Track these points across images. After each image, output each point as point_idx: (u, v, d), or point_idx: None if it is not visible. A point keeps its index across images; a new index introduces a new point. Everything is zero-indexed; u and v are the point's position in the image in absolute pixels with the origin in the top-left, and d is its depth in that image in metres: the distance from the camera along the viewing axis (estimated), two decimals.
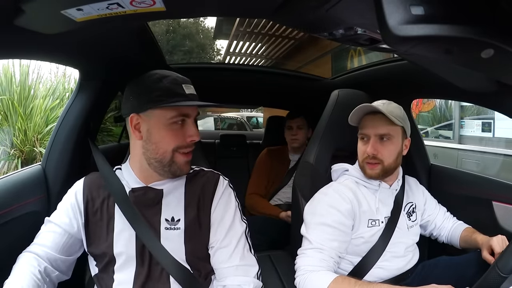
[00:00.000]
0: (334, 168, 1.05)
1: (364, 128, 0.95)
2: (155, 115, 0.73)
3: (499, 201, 1.07)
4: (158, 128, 0.73)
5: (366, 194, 0.97)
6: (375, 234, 0.94)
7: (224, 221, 0.79)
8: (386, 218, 0.97)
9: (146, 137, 0.74)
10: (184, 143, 0.75)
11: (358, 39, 0.65)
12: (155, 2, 0.55)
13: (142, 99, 0.73)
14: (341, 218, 0.90)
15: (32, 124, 3.12)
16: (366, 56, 4.14)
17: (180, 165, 0.75)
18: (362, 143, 0.96)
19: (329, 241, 0.87)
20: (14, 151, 3.03)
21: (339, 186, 0.96)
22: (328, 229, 0.89)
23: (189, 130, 0.75)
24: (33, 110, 3.20)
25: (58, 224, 0.76)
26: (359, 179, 0.98)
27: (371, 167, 0.94)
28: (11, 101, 3.05)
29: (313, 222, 0.91)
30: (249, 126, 7.49)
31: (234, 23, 5.48)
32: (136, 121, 0.75)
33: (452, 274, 0.92)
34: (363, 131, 0.96)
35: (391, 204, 0.99)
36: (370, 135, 0.94)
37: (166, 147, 0.74)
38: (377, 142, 0.93)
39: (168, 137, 0.74)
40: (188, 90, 0.75)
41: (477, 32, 0.41)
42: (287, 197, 1.67)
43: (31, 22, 0.59)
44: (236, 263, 0.76)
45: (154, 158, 0.75)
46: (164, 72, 0.76)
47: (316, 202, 0.95)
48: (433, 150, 3.93)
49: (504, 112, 0.98)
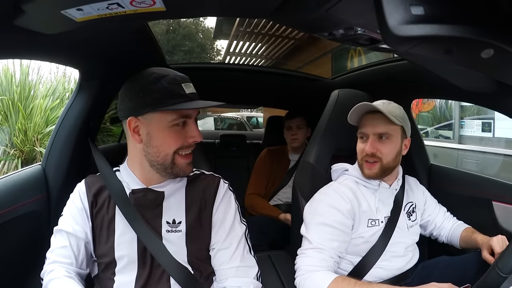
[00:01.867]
0: (334, 168, 1.05)
1: (363, 127, 0.95)
2: (155, 118, 0.70)
3: (499, 201, 1.07)
4: (159, 132, 0.71)
5: (366, 193, 0.97)
6: (375, 234, 0.94)
7: (225, 223, 0.79)
8: (386, 218, 0.97)
9: (146, 140, 0.72)
10: (185, 144, 0.73)
11: (358, 39, 0.65)
12: (155, 2, 0.55)
13: (140, 101, 0.70)
14: (341, 218, 0.90)
15: (32, 124, 3.12)
16: (366, 56, 4.15)
17: (182, 167, 0.74)
18: (361, 142, 0.97)
19: (329, 241, 0.87)
20: (14, 151, 3.03)
21: (339, 186, 0.96)
22: (328, 229, 0.89)
23: (190, 131, 0.73)
24: (33, 110, 3.20)
25: (72, 233, 0.74)
26: (359, 179, 0.98)
27: (369, 166, 0.94)
28: (11, 100, 3.05)
29: (313, 222, 0.91)
30: (249, 126, 7.49)
31: (234, 23, 5.48)
32: (135, 124, 0.72)
33: (452, 274, 0.92)
34: (362, 130, 0.96)
35: (391, 203, 0.99)
36: (369, 134, 0.94)
37: (167, 150, 0.72)
38: (375, 140, 0.93)
39: (169, 140, 0.72)
40: (188, 90, 0.72)
41: (477, 32, 0.41)
42: (287, 197, 1.67)
43: (31, 22, 0.59)
44: (236, 264, 0.76)
45: (156, 161, 0.73)
46: (161, 70, 0.73)
47: (316, 202, 0.95)
48: (433, 150, 3.93)
49: (504, 112, 0.98)
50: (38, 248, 0.98)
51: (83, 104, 1.07)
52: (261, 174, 1.77)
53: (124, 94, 0.73)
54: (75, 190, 0.79)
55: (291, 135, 1.74)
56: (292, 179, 1.45)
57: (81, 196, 0.77)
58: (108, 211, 0.76)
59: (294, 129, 1.73)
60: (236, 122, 7.30)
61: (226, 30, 6.71)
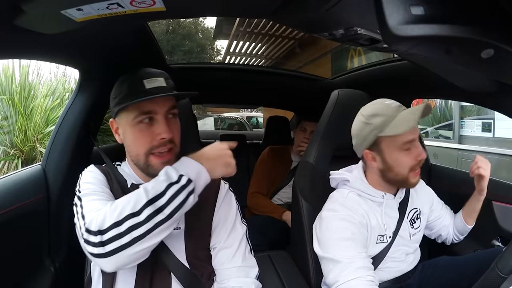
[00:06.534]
0: (333, 176, 0.99)
1: (410, 133, 0.84)
2: (123, 118, 0.73)
3: (499, 201, 1.07)
4: (128, 131, 0.73)
5: (372, 207, 0.92)
6: (382, 250, 0.91)
7: (227, 223, 0.79)
8: (393, 232, 0.93)
9: (123, 140, 0.75)
10: (155, 143, 0.70)
11: (358, 39, 0.65)
12: (155, 2, 0.56)
13: (113, 103, 0.74)
14: (358, 229, 0.86)
15: (32, 124, 3.12)
16: (366, 56, 4.15)
17: (156, 168, 0.70)
18: (406, 154, 0.85)
19: (355, 253, 0.82)
20: (14, 151, 3.03)
21: (346, 200, 0.91)
22: (349, 243, 0.83)
23: (157, 128, 0.70)
24: (33, 110, 3.20)
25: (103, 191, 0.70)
26: (363, 192, 0.92)
27: (417, 174, 0.87)
28: (12, 100, 3.05)
29: (330, 241, 0.85)
30: (249, 126, 7.49)
31: (234, 23, 5.49)
32: (115, 126, 0.76)
33: (452, 274, 0.92)
34: (409, 137, 0.84)
35: (396, 216, 0.95)
36: (415, 139, 0.85)
37: (137, 150, 0.72)
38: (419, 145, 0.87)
39: (137, 140, 0.71)
40: (150, 84, 0.70)
41: (477, 32, 0.41)
42: (287, 197, 1.67)
43: (31, 22, 0.59)
44: (238, 264, 0.77)
45: (133, 160, 0.75)
46: (135, 71, 0.74)
47: (326, 221, 0.89)
48: (433, 150, 3.94)
49: (504, 112, 0.98)
50: (38, 248, 0.98)
51: (83, 104, 1.07)
52: (264, 172, 1.74)
53: (110, 98, 0.77)
54: (91, 167, 0.76)
55: (304, 137, 1.66)
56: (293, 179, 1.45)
57: (100, 174, 0.75)
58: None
59: (308, 133, 1.66)
60: (236, 122, 7.30)
61: (226, 30, 6.70)
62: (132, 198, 0.60)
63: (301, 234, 1.02)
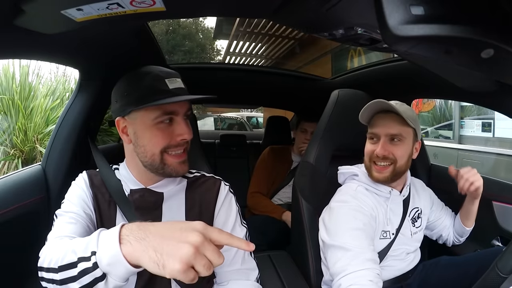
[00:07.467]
0: (341, 171, 1.00)
1: (374, 127, 0.90)
2: (139, 116, 0.69)
3: (499, 201, 1.07)
4: (144, 130, 0.70)
5: (379, 202, 0.92)
6: (384, 247, 0.91)
7: (226, 226, 0.78)
8: (396, 230, 0.93)
9: (134, 140, 0.71)
10: (173, 143, 0.70)
11: (358, 39, 0.65)
12: (155, 2, 0.55)
13: (125, 101, 0.70)
14: (368, 220, 0.86)
15: (32, 124, 3.12)
16: (366, 56, 4.15)
17: (173, 167, 0.71)
18: (371, 143, 0.91)
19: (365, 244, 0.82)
20: (14, 151, 3.03)
21: (356, 193, 0.92)
22: (360, 233, 0.83)
23: (178, 128, 0.70)
24: (33, 110, 3.20)
25: (77, 213, 0.67)
26: (370, 186, 0.93)
27: (379, 169, 0.89)
28: (12, 100, 3.05)
29: (340, 230, 0.85)
30: (249, 126, 7.49)
31: (234, 23, 5.49)
32: (123, 125, 0.72)
33: (452, 274, 0.93)
34: (373, 130, 0.90)
35: (400, 213, 0.95)
36: (380, 135, 0.88)
37: (154, 149, 0.69)
38: (387, 142, 0.88)
39: (155, 139, 0.69)
40: (172, 85, 0.69)
41: (477, 32, 0.41)
42: (288, 197, 1.67)
43: (31, 22, 0.59)
44: (237, 266, 0.76)
45: (145, 161, 0.71)
46: (147, 68, 0.71)
47: (336, 211, 0.89)
48: (433, 150, 3.94)
49: (504, 112, 0.98)
50: (38, 248, 0.98)
51: (83, 104, 1.07)
52: (264, 172, 1.74)
53: (113, 96, 0.74)
54: (77, 181, 0.76)
55: (305, 138, 1.67)
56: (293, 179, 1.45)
57: (84, 188, 0.74)
58: (109, 210, 0.74)
59: (309, 134, 1.66)
60: (236, 122, 7.30)
61: (226, 30, 6.70)
62: (64, 251, 0.55)
63: (301, 234, 1.03)
